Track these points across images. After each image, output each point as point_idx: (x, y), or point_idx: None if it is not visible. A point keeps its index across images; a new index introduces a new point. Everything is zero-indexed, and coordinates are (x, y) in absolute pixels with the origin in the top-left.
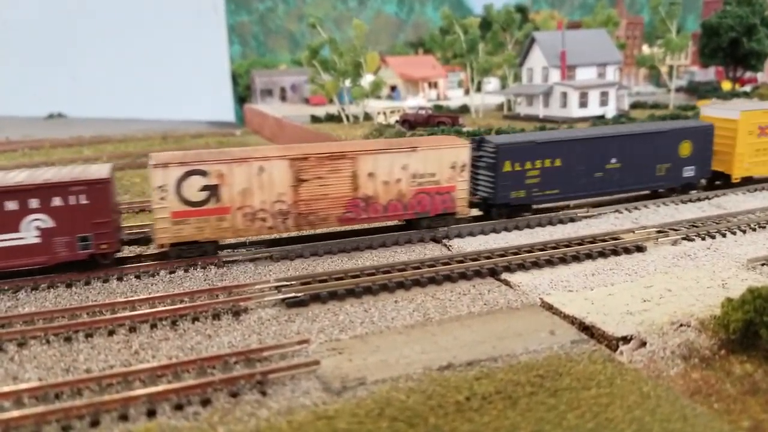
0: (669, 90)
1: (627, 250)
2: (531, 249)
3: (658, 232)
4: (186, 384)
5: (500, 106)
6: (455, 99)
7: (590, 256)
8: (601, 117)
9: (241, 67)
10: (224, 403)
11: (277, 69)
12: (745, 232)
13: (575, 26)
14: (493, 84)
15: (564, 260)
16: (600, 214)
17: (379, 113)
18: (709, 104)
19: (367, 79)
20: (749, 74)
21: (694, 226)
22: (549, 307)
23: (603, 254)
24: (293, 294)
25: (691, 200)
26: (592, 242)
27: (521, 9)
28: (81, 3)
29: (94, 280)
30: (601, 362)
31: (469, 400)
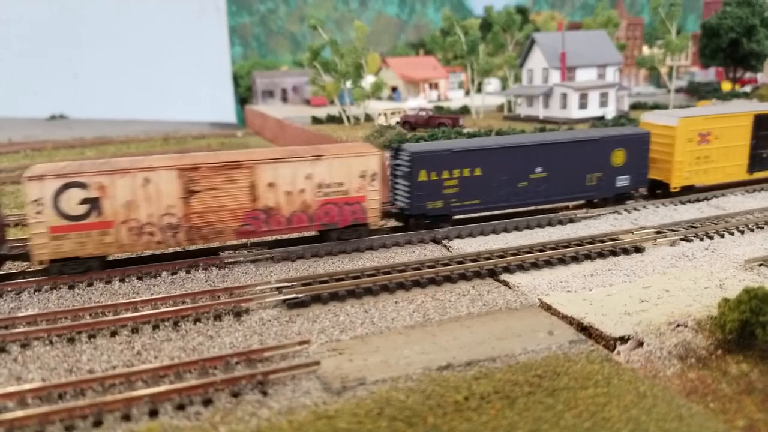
0: (669, 91)
1: (625, 251)
2: (530, 250)
3: (657, 232)
4: (188, 384)
5: (501, 107)
6: (456, 100)
7: (589, 256)
8: (601, 118)
9: (242, 68)
10: (225, 403)
11: (279, 70)
12: (743, 232)
13: (575, 27)
14: (494, 85)
15: (563, 261)
16: (599, 215)
17: (380, 114)
18: (709, 104)
19: (368, 81)
20: (749, 75)
21: (693, 226)
22: (548, 308)
23: (602, 255)
24: (294, 295)
25: (690, 201)
26: (591, 243)
27: (522, 10)
28: (83, 4)
29: (97, 281)
30: (599, 362)
31: (467, 400)
